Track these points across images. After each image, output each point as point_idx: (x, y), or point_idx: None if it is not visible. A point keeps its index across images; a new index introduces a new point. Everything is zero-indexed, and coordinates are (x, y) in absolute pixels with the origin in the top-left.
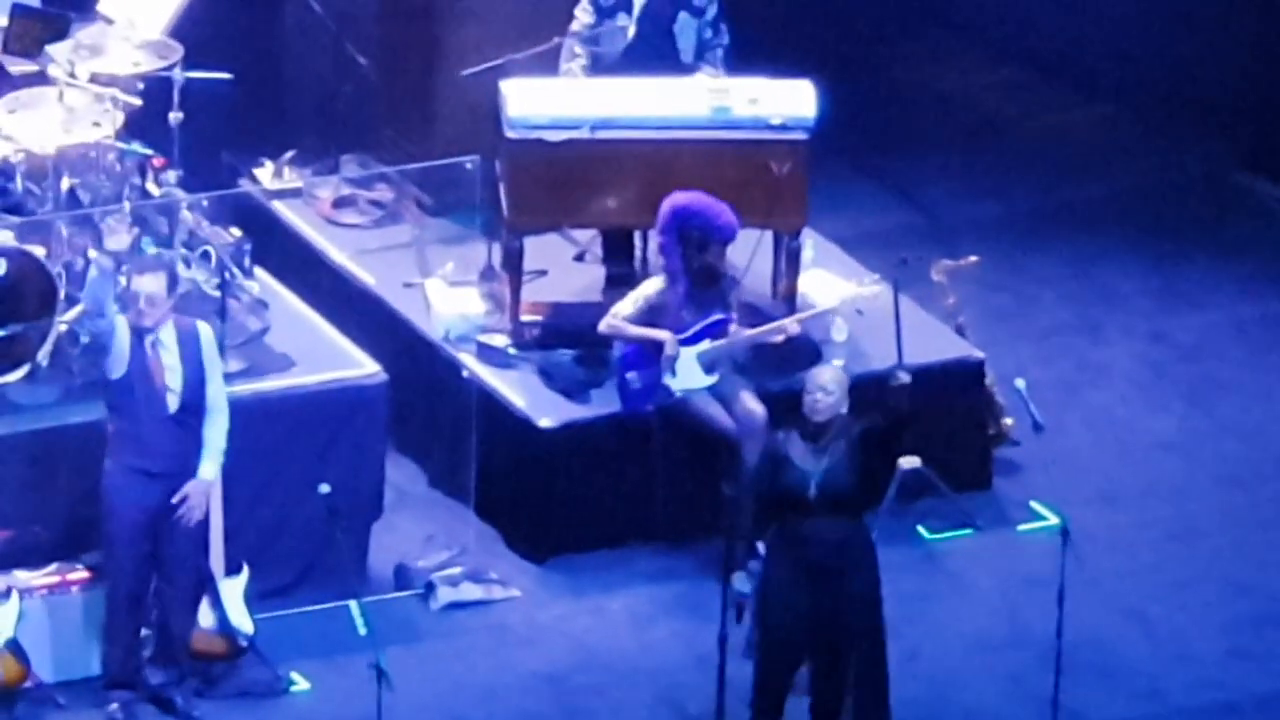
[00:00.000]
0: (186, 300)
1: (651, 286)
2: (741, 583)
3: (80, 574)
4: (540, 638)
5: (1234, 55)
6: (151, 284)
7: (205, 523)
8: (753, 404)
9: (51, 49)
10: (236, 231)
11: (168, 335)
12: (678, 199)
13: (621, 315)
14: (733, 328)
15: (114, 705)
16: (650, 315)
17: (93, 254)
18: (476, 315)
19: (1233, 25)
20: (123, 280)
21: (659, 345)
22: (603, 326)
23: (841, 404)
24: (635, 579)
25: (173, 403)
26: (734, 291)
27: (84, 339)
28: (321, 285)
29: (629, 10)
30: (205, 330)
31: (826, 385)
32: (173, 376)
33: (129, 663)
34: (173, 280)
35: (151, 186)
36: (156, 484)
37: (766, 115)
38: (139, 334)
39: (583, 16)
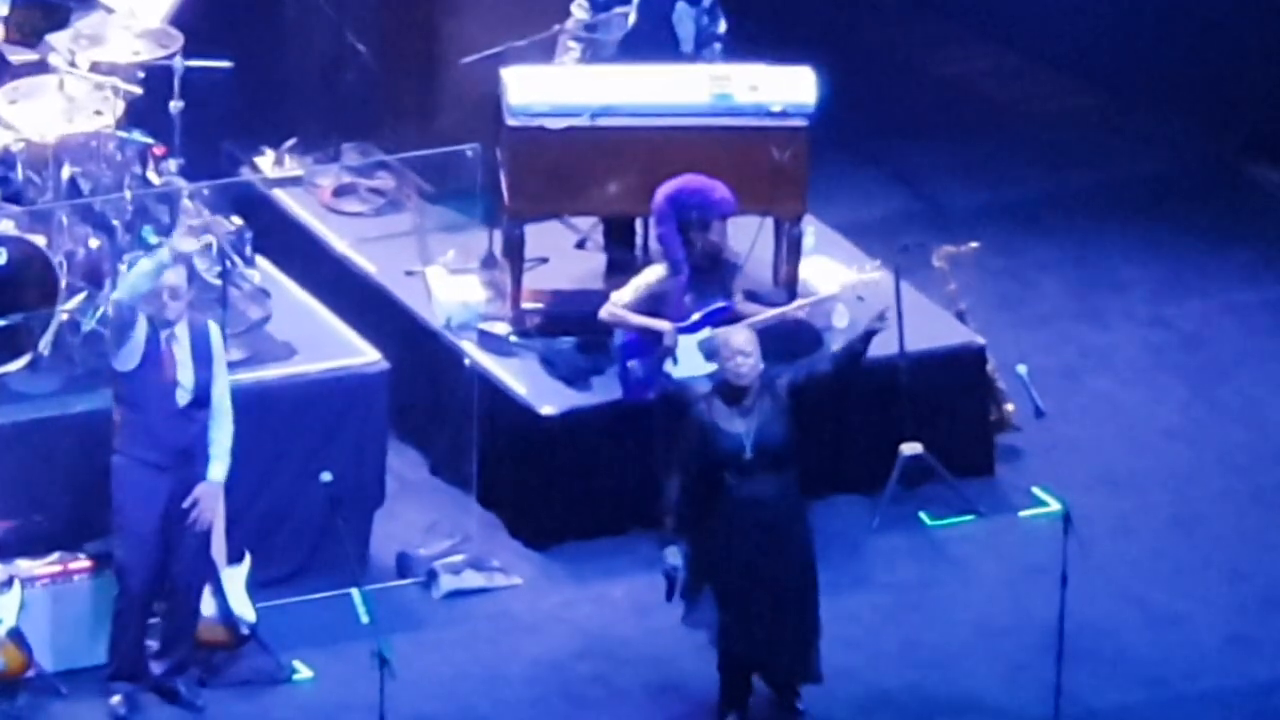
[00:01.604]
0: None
1: (653, 274)
2: (674, 557)
3: (82, 563)
4: (542, 625)
5: (1234, 41)
6: (173, 276)
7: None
8: None
9: (52, 38)
10: (237, 220)
11: (181, 331)
12: (668, 186)
13: (621, 303)
14: (742, 305)
15: (117, 697)
16: (651, 303)
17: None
18: (478, 303)
19: (1233, 10)
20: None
21: (659, 335)
22: (603, 314)
23: (759, 363)
24: (637, 566)
25: (183, 397)
26: (735, 278)
27: (86, 327)
28: (322, 273)
29: (626, 3)
30: (215, 330)
31: (744, 348)
32: (184, 372)
33: (137, 654)
34: (191, 274)
35: (152, 175)
36: (166, 477)
37: (767, 102)
38: (155, 327)
39: (578, 13)
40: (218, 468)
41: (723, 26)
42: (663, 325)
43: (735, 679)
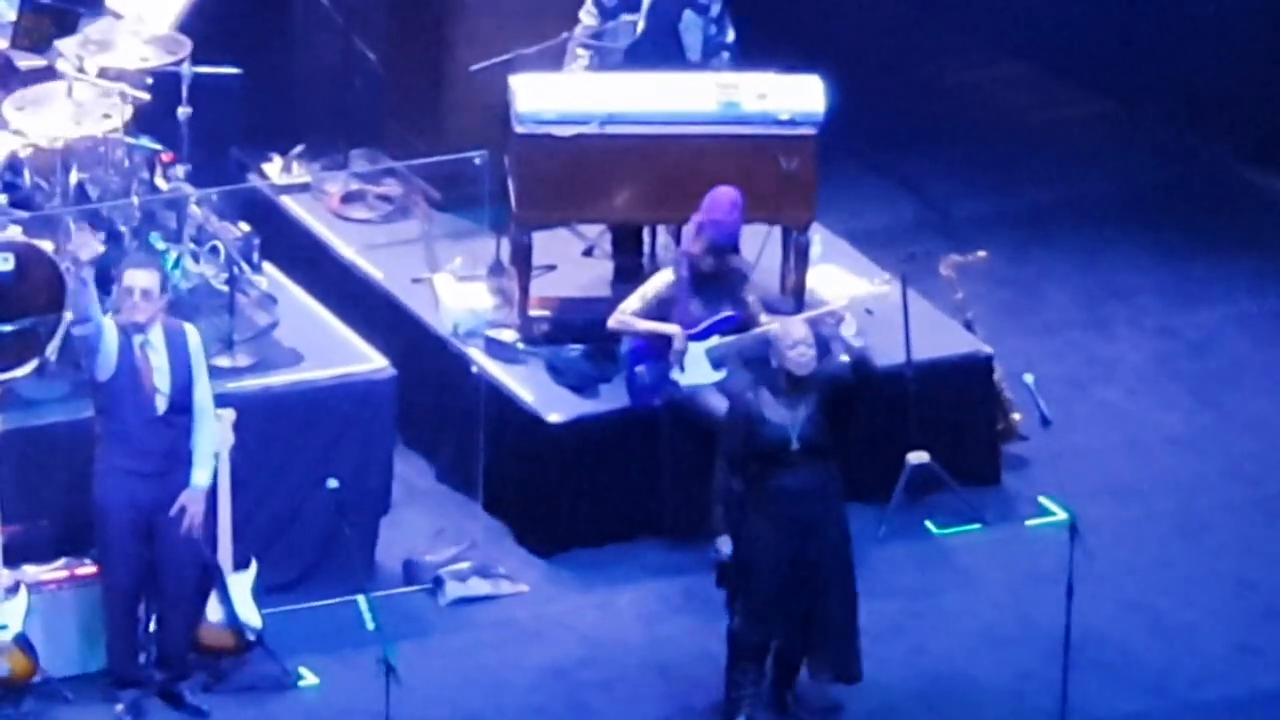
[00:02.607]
0: (195, 295)
1: (659, 281)
2: (726, 545)
3: (88, 569)
4: (548, 632)
5: (1242, 50)
6: (145, 279)
7: (203, 523)
8: None
9: (60, 43)
10: (245, 226)
11: (156, 336)
12: (719, 190)
13: (630, 310)
14: (764, 318)
15: (121, 704)
16: (659, 309)
17: (67, 266)
18: (485, 310)
19: (1241, 19)
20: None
21: (667, 340)
22: (612, 323)
23: (816, 355)
24: (643, 574)
25: (161, 404)
26: (744, 287)
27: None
28: (330, 280)
29: (634, 10)
30: (193, 332)
31: (806, 339)
32: (161, 378)
33: (133, 659)
34: (164, 277)
35: (160, 181)
36: (147, 484)
37: (775, 110)
38: (128, 335)
39: (587, 19)
40: (201, 473)
41: (731, 35)
42: (672, 329)
43: (746, 679)
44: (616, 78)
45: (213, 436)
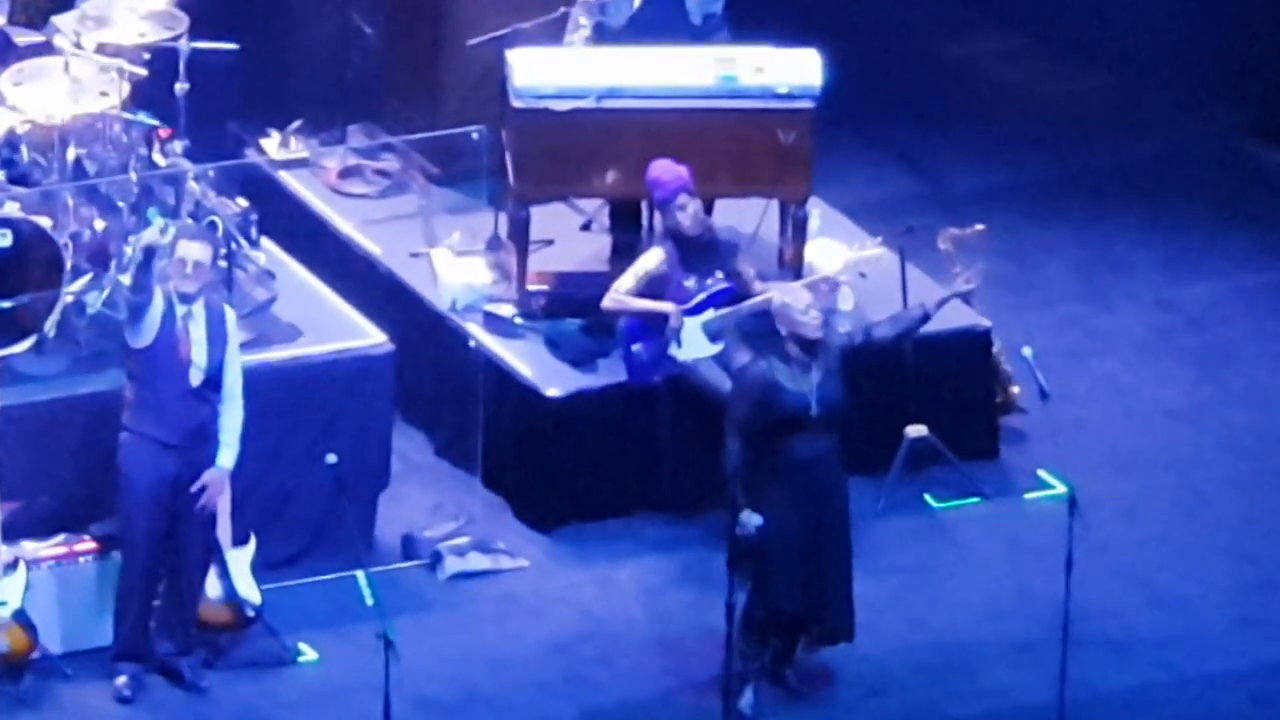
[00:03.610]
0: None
1: (651, 259)
2: (752, 518)
3: (87, 545)
4: (548, 607)
5: (1243, 23)
6: (199, 251)
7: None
8: None
9: (57, 19)
10: (243, 201)
11: (199, 310)
12: (653, 165)
13: (624, 289)
14: (759, 285)
15: (121, 679)
16: (651, 287)
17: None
18: (483, 285)
19: None
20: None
21: (663, 317)
22: (606, 303)
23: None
24: (642, 548)
25: (195, 377)
26: (736, 259)
27: (92, 309)
28: (328, 255)
29: None
30: (231, 315)
31: (812, 302)
32: (199, 351)
33: (140, 634)
34: (215, 251)
35: (158, 157)
36: (173, 456)
37: (773, 84)
38: (172, 304)
39: None
40: (226, 454)
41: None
42: (667, 307)
43: (754, 653)
44: (613, 52)
45: (240, 419)
